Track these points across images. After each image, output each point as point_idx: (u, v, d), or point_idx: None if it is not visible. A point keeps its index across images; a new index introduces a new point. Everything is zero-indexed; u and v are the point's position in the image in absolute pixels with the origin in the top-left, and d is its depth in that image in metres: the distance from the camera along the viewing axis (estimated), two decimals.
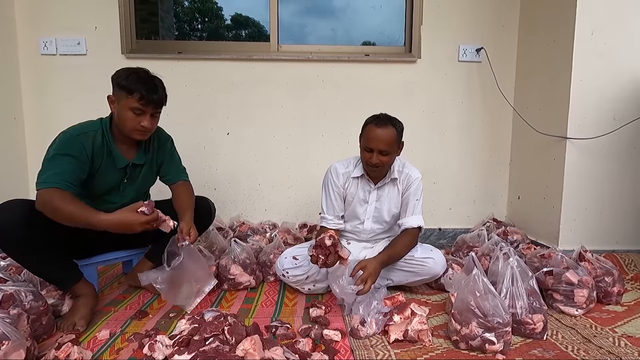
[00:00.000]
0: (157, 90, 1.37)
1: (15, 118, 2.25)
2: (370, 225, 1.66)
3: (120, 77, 1.35)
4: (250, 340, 0.82)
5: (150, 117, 1.38)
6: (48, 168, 1.25)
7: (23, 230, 1.20)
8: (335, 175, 1.64)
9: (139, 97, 1.32)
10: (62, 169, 1.25)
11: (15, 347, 0.92)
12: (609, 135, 1.90)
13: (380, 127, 1.48)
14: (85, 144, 1.32)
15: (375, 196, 1.64)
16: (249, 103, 2.39)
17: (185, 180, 1.63)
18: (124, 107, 1.34)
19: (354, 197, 1.64)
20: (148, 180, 1.58)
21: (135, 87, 1.32)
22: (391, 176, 1.62)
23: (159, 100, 1.38)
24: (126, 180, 1.47)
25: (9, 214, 1.20)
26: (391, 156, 1.52)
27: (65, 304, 1.40)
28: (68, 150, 1.28)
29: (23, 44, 2.26)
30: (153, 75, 1.41)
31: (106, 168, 1.39)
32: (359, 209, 1.65)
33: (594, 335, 1.26)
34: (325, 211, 1.65)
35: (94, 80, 2.29)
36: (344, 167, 1.65)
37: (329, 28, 2.61)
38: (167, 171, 1.60)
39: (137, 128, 1.36)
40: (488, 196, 2.54)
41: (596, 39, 1.89)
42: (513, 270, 1.30)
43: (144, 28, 2.46)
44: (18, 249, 1.24)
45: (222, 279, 1.67)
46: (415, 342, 1.21)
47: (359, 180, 1.64)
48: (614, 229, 2.01)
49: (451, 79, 2.43)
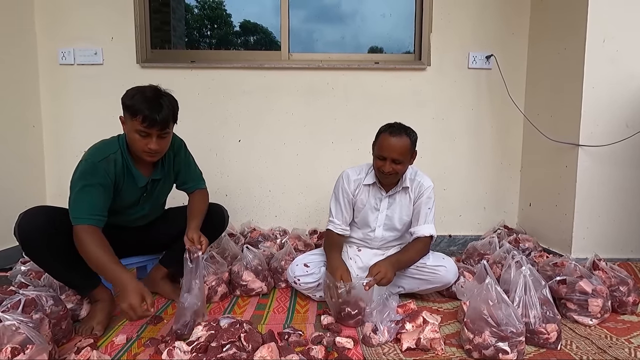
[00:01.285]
0: (162, 111, 1.28)
1: (34, 126, 2.31)
2: (381, 233, 1.67)
3: (127, 98, 1.30)
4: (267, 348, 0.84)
5: (158, 138, 1.32)
6: (79, 201, 1.26)
7: (47, 237, 1.24)
8: (347, 182, 1.65)
9: (141, 119, 1.26)
10: (92, 200, 1.27)
11: (39, 351, 0.95)
12: (621, 142, 1.88)
13: (394, 136, 1.48)
14: (108, 170, 1.31)
15: (387, 204, 1.64)
16: (260, 110, 2.42)
17: (202, 188, 1.64)
18: (130, 129, 1.31)
19: (365, 204, 1.65)
20: (166, 190, 1.60)
21: (138, 108, 1.26)
22: (403, 184, 1.62)
23: (162, 121, 1.29)
24: (145, 194, 1.48)
25: (35, 220, 1.24)
26: (404, 165, 1.52)
27: (83, 308, 1.43)
28: (94, 179, 1.28)
29: (42, 54, 2.33)
30: (161, 93, 1.33)
31: (127, 187, 1.40)
32: (370, 216, 1.66)
33: (609, 345, 1.25)
34: (334, 215, 1.67)
35: (110, 89, 2.33)
36: (356, 174, 1.66)
37: (338, 35, 2.63)
38: (185, 180, 1.60)
39: (144, 150, 1.32)
40: (498, 203, 2.53)
41: (608, 46, 1.88)
42: (526, 279, 1.29)
43: (157, 37, 2.52)
44: (42, 255, 1.28)
45: (234, 285, 1.69)
46: (428, 351, 1.21)
47: (370, 187, 1.65)
48: (628, 236, 1.99)
49: (461, 86, 2.43)
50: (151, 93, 1.31)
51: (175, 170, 1.56)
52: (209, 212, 1.59)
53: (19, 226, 1.24)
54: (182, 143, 1.59)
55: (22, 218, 1.26)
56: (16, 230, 1.24)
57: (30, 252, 1.28)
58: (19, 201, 2.13)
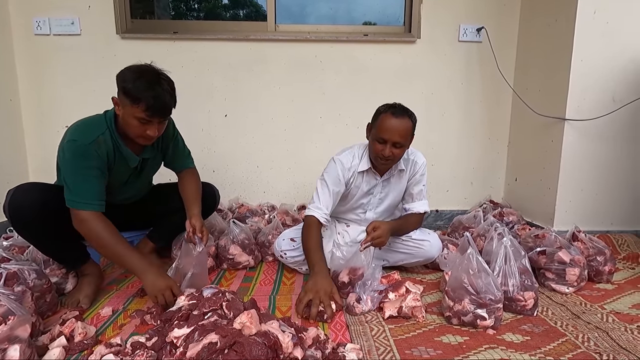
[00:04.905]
0: (166, 99, 1.23)
1: (11, 100, 2.23)
2: (372, 215, 1.66)
3: (126, 81, 1.20)
4: (247, 314, 0.85)
5: (157, 124, 1.28)
6: (77, 183, 1.22)
7: (39, 215, 1.22)
8: (342, 171, 1.53)
9: (145, 108, 1.20)
10: (93, 185, 1.24)
11: (21, 322, 0.95)
12: (607, 116, 1.89)
13: (397, 118, 1.39)
14: (100, 152, 1.26)
15: (381, 188, 1.61)
16: (246, 84, 2.36)
17: (191, 167, 1.61)
18: (129, 115, 1.23)
19: (359, 189, 1.59)
20: (154, 168, 1.57)
21: (142, 96, 1.19)
22: (398, 167, 1.57)
23: (167, 110, 1.26)
24: (134, 174, 1.45)
25: (26, 197, 1.21)
26: (404, 149, 1.46)
27: (69, 282, 1.44)
28: (89, 162, 1.23)
29: (16, 24, 2.22)
30: (162, 77, 1.25)
31: (118, 167, 1.35)
32: (363, 199, 1.63)
33: (583, 311, 1.30)
34: (320, 201, 1.52)
35: (89, 61, 2.27)
36: (350, 161, 1.55)
37: (329, 8, 2.55)
38: (173, 159, 1.56)
39: (142, 135, 1.27)
40: (486, 178, 2.56)
41: (598, 18, 1.86)
42: (506, 250, 1.32)
43: (139, 8, 2.41)
44: (33, 231, 1.26)
45: (221, 259, 1.70)
46: (409, 318, 1.25)
47: (364, 173, 1.57)
48: (609, 210, 2.03)
49: (451, 60, 2.40)
50: (153, 77, 1.22)
51: (163, 149, 1.52)
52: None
53: (11, 203, 1.21)
54: (170, 120, 1.53)
55: (13, 195, 1.22)
56: (6, 207, 1.21)
57: (22, 229, 1.26)
58: (1, 178, 2.10)
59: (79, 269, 1.41)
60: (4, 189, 1.26)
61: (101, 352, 0.97)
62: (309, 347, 0.95)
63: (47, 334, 1.08)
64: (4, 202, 1.22)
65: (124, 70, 1.24)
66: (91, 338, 1.09)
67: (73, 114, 1.37)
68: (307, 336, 0.97)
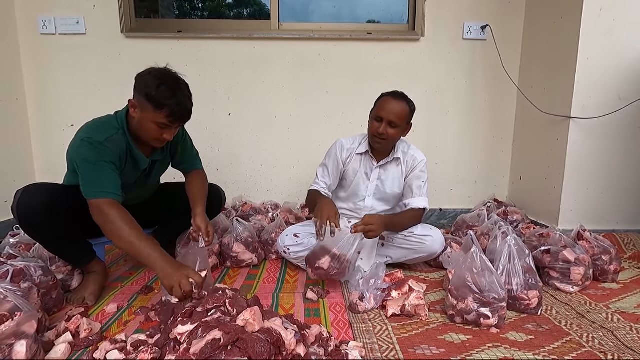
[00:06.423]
0: (188, 105, 1.27)
1: (17, 99, 2.25)
2: (371, 202, 1.69)
3: (149, 87, 1.21)
4: (250, 311, 0.86)
5: (175, 128, 1.30)
6: (95, 176, 1.21)
7: (47, 216, 1.22)
8: (340, 149, 1.66)
9: (168, 114, 1.23)
10: (110, 176, 1.23)
11: (28, 318, 0.96)
12: (613, 114, 1.87)
13: (395, 99, 1.52)
14: (114, 150, 1.27)
15: (377, 174, 1.66)
16: (250, 83, 2.37)
17: (199, 168, 1.62)
18: (147, 119, 1.25)
19: (357, 173, 1.66)
20: (162, 170, 1.58)
21: (166, 103, 1.21)
22: (394, 155, 1.64)
23: (188, 116, 1.29)
24: (143, 175, 1.46)
25: (35, 198, 1.22)
26: (398, 130, 1.53)
27: (74, 279, 1.45)
28: (104, 157, 1.24)
29: (22, 23, 2.24)
30: (181, 83, 1.28)
31: (128, 168, 1.36)
32: (361, 185, 1.68)
33: (588, 311, 1.29)
34: (319, 178, 1.69)
35: (93, 60, 2.28)
36: (350, 143, 1.68)
37: (333, 6, 2.54)
38: (182, 160, 1.58)
39: (158, 138, 1.29)
40: (490, 176, 2.54)
41: (604, 16, 1.84)
42: (510, 249, 1.32)
43: (143, 7, 2.42)
44: (41, 232, 1.27)
45: (225, 257, 1.71)
46: (412, 317, 1.25)
47: (362, 156, 1.66)
48: (615, 209, 2.02)
49: (455, 58, 2.39)
50: (175, 84, 1.25)
51: (172, 150, 1.53)
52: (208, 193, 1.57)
53: (19, 205, 1.21)
54: None
55: (21, 196, 1.22)
56: (14, 208, 1.22)
57: (30, 230, 1.26)
58: (7, 177, 2.12)
59: (85, 266, 1.43)
60: (11, 187, 1.28)
61: (106, 348, 0.98)
62: (311, 344, 0.95)
63: (53, 330, 1.10)
64: (12, 203, 1.23)
65: (144, 76, 1.25)
66: (96, 334, 1.10)
67: (78, 113, 1.39)
68: (310, 333, 0.98)
